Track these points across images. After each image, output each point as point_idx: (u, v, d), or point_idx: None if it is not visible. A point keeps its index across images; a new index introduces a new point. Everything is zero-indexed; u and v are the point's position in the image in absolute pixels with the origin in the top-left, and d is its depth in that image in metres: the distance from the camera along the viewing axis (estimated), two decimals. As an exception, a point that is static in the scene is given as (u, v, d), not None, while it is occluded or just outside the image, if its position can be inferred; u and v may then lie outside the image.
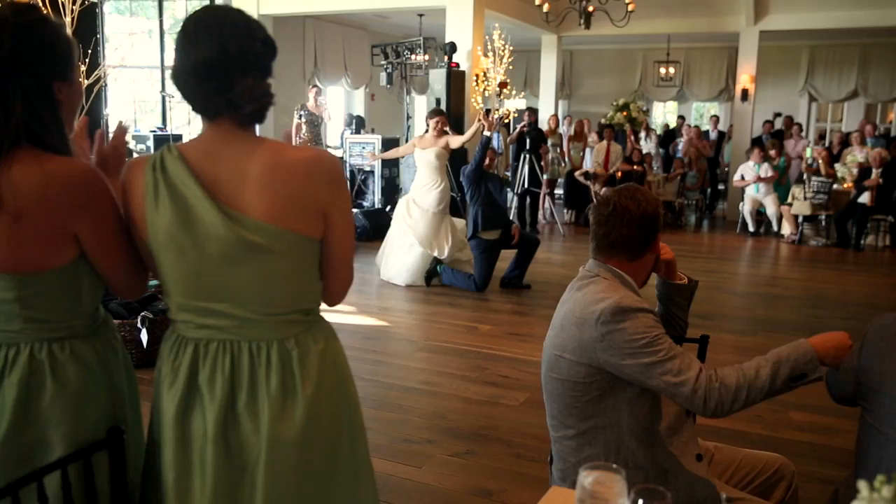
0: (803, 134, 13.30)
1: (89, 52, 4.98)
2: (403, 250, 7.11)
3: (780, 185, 10.80)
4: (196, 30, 1.48)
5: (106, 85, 10.39)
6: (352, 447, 1.60)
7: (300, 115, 10.25)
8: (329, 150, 10.86)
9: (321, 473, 1.55)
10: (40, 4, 4.78)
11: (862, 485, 0.95)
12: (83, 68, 4.96)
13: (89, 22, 6.11)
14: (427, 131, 7.18)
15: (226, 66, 1.47)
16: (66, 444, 1.52)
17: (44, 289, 1.51)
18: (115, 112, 11.94)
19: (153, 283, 5.18)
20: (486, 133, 6.76)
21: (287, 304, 1.53)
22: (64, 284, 1.53)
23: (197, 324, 1.53)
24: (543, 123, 12.06)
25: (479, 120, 6.87)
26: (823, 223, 10.48)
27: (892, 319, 1.85)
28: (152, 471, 1.59)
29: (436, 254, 7.05)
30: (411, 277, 7.06)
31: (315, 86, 11.24)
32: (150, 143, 10.00)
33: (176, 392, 1.53)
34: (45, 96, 1.50)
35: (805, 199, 10.16)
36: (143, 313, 4.51)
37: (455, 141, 7.13)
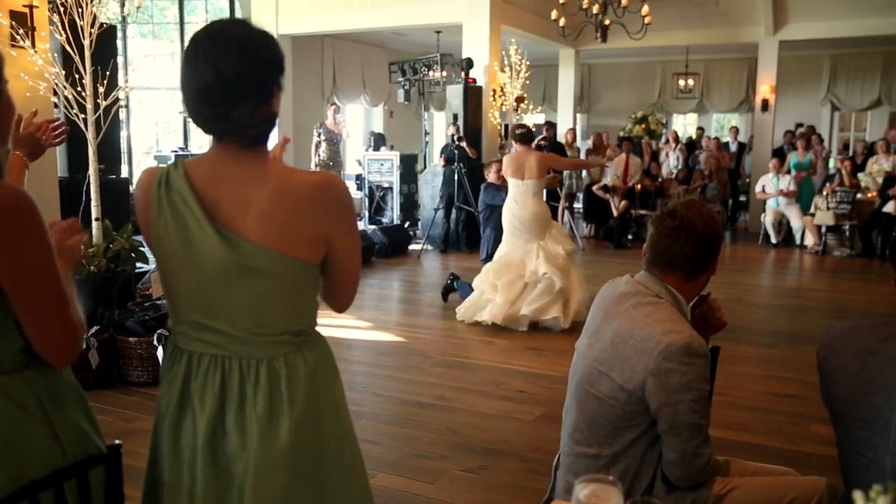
0: (824, 143, 13.15)
1: (107, 73, 5.03)
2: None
3: (805, 189, 10.67)
4: (195, 54, 1.48)
5: (127, 106, 10.60)
6: (341, 461, 1.59)
7: (319, 133, 10.36)
8: (340, 167, 10.92)
9: (310, 489, 1.54)
10: (59, 27, 4.85)
11: (857, 495, 0.92)
12: (101, 90, 5.02)
13: (108, 44, 6.19)
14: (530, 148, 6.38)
15: (222, 91, 1.46)
16: (4, 485, 1.35)
17: None
18: (138, 132, 12.14)
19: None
20: None
21: (278, 325, 1.52)
22: None
23: (191, 336, 1.54)
24: (562, 138, 12.06)
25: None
26: (847, 233, 10.34)
27: (837, 331, 1.77)
28: (151, 478, 1.61)
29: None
30: None
31: (333, 104, 11.34)
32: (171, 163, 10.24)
33: (172, 398, 1.56)
34: None
35: (828, 209, 10.04)
36: (159, 331, 4.52)
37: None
